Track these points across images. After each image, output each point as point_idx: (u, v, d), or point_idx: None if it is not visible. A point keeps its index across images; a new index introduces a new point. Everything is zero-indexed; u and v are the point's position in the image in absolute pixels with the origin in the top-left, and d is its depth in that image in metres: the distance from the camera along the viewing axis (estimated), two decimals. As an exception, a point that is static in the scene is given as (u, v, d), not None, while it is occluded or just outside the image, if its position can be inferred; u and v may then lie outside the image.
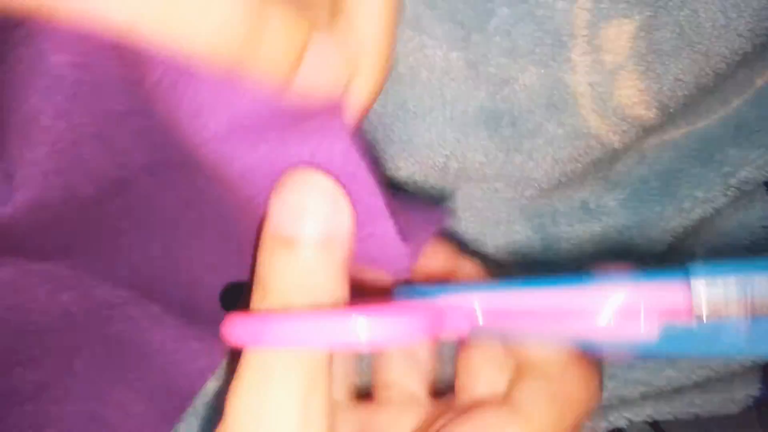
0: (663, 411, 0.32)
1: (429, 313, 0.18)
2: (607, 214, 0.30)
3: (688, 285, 0.16)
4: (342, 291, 0.18)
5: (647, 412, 0.32)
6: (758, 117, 0.29)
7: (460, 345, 0.24)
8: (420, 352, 0.24)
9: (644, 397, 0.31)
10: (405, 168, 0.27)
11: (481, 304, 0.19)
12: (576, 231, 0.30)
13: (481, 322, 0.19)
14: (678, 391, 0.31)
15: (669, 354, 0.17)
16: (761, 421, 0.32)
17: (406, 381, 0.24)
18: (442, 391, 0.24)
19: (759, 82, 0.29)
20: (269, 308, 0.17)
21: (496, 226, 0.30)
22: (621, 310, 0.17)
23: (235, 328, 0.17)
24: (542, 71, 0.26)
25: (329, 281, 0.17)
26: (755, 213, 0.30)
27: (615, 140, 0.27)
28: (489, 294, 0.19)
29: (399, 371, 0.24)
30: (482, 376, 0.22)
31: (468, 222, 0.30)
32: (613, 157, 0.28)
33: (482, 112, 0.26)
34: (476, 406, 0.21)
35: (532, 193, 0.29)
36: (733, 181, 0.29)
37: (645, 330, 0.17)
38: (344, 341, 0.16)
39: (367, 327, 0.16)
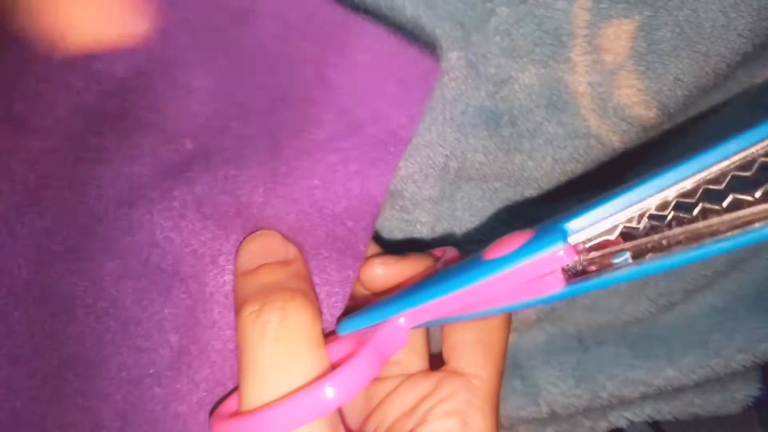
0: (663, 411, 0.32)
1: (373, 350, 0.20)
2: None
3: (566, 240, 0.18)
4: (306, 287, 0.21)
5: (647, 412, 0.32)
6: (758, 117, 0.29)
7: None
8: (415, 335, 0.26)
9: (644, 397, 0.31)
10: (405, 168, 0.27)
11: (407, 317, 0.21)
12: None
13: (412, 325, 0.21)
14: (678, 391, 0.31)
15: (576, 295, 0.19)
16: (761, 421, 0.32)
17: (408, 362, 0.25)
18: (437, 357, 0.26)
19: (759, 82, 0.29)
20: (249, 310, 0.20)
21: (496, 226, 0.30)
22: (527, 282, 0.19)
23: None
24: (542, 71, 0.26)
25: (292, 282, 0.21)
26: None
27: (615, 140, 0.27)
28: (414, 309, 0.21)
29: (401, 352, 0.25)
30: (462, 353, 0.24)
31: (468, 222, 0.30)
32: (613, 157, 0.28)
33: (482, 112, 0.26)
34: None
35: (532, 193, 0.29)
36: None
37: (555, 289, 0.19)
38: (320, 412, 0.19)
39: (333, 392, 0.19)
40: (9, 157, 0.23)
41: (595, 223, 0.18)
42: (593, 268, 0.18)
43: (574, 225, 0.18)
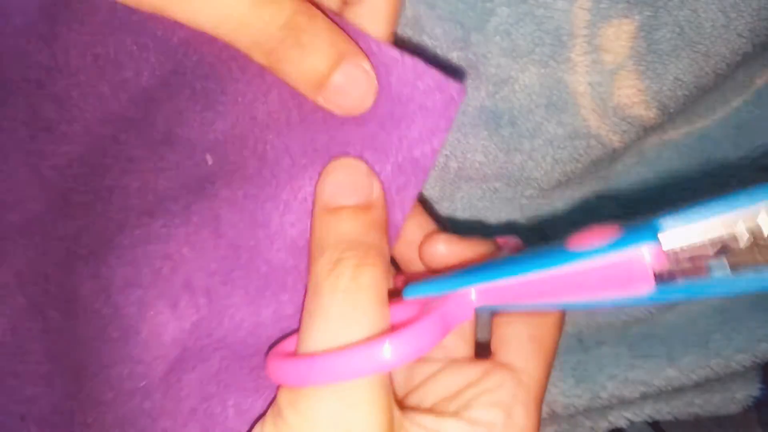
0: (663, 411, 0.32)
1: (440, 318, 0.20)
2: (606, 214, 0.30)
3: (660, 240, 0.17)
4: (380, 242, 0.21)
5: (647, 412, 0.32)
6: (758, 117, 0.29)
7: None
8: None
9: (644, 397, 0.31)
10: (405, 168, 0.27)
11: (479, 292, 0.21)
12: (576, 231, 0.30)
13: (482, 302, 0.21)
14: (678, 391, 0.31)
15: (663, 302, 0.18)
16: (761, 421, 0.32)
17: (453, 346, 0.25)
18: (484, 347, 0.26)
19: (759, 82, 0.29)
20: (325, 262, 0.20)
21: (496, 226, 0.30)
22: (613, 279, 0.18)
23: (277, 370, 0.20)
24: (542, 71, 0.26)
25: (369, 235, 0.21)
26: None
27: (615, 140, 0.27)
28: (487, 285, 0.21)
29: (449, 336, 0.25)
30: (513, 347, 0.24)
31: (468, 222, 0.30)
32: (613, 157, 0.28)
33: (482, 112, 0.26)
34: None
35: (532, 193, 0.29)
36: (733, 181, 0.29)
37: (641, 290, 0.18)
38: (378, 369, 0.19)
39: (394, 352, 0.19)
40: (40, 161, 0.23)
41: (692, 229, 0.17)
42: (682, 274, 0.18)
43: (668, 226, 0.17)
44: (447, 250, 0.24)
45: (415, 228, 0.25)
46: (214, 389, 0.22)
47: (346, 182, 0.21)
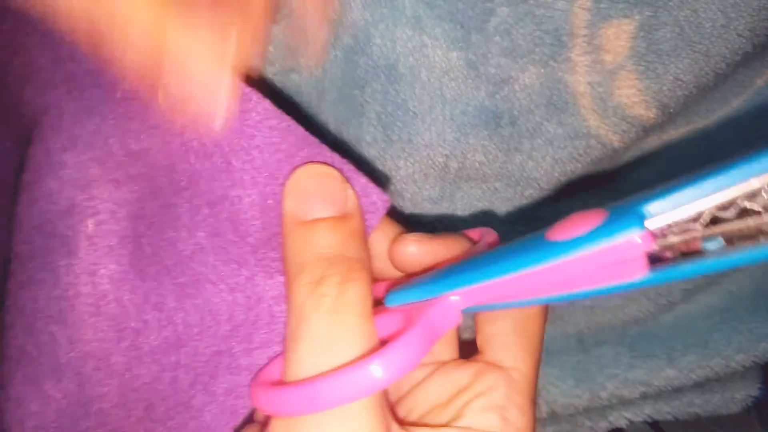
0: (663, 411, 0.32)
1: (425, 328, 0.19)
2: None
3: (647, 223, 0.17)
4: (362, 253, 0.20)
5: (647, 412, 0.32)
6: (758, 117, 0.29)
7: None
8: None
9: (644, 397, 0.31)
10: (405, 168, 0.27)
11: (463, 295, 0.20)
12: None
13: (466, 305, 0.20)
14: (678, 391, 0.31)
15: (660, 283, 0.18)
16: (761, 421, 0.32)
17: (439, 350, 0.25)
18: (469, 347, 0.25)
19: (759, 82, 0.29)
20: (306, 281, 0.19)
21: (496, 226, 0.30)
22: (602, 267, 0.17)
23: (268, 400, 0.19)
24: (542, 71, 0.26)
25: (350, 247, 0.20)
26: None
27: (615, 140, 0.27)
28: (471, 287, 0.20)
29: None
30: (500, 345, 0.23)
31: (468, 222, 0.30)
32: (613, 157, 0.28)
33: (482, 112, 0.26)
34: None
35: (532, 193, 0.29)
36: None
37: (634, 276, 0.17)
38: (371, 389, 0.18)
39: (384, 370, 0.18)
40: (14, 196, 0.23)
41: (678, 207, 0.17)
42: (671, 254, 0.17)
43: (654, 208, 0.17)
44: (419, 250, 0.23)
45: (380, 237, 0.24)
46: None
47: (320, 192, 0.20)
